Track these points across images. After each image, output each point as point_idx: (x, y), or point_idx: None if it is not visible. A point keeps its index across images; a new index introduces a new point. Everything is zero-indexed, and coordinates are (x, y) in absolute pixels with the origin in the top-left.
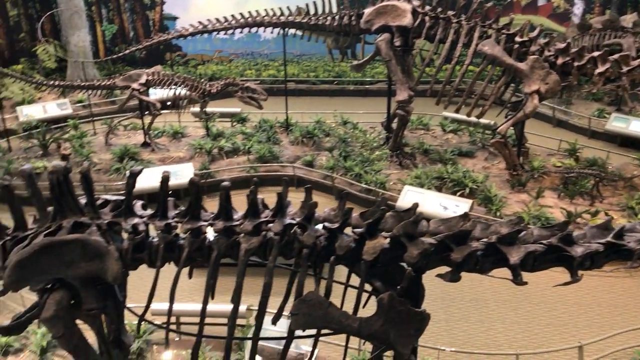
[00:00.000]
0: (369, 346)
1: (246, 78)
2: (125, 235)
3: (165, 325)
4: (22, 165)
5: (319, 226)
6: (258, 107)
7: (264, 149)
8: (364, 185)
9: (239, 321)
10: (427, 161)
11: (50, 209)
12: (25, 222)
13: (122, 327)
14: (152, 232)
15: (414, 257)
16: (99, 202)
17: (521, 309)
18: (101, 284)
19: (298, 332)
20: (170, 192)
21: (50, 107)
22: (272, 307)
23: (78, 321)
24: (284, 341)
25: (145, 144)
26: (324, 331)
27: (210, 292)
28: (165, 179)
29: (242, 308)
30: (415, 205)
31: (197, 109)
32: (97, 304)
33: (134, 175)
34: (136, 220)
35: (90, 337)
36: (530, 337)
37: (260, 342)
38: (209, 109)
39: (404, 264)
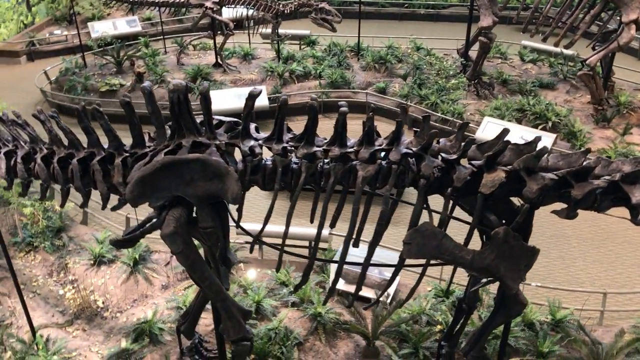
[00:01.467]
0: (447, 276)
1: None
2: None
3: (279, 247)
4: (98, 82)
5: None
6: (331, 29)
7: (336, 74)
8: (441, 115)
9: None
10: (505, 92)
11: (167, 127)
12: (143, 139)
13: (228, 245)
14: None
15: (533, 192)
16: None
17: (603, 247)
18: (212, 203)
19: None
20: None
21: (119, 23)
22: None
23: None
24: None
25: (216, 65)
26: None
27: (325, 216)
28: (284, 102)
29: (325, 232)
30: (538, 138)
31: (266, 30)
32: (213, 222)
33: (254, 97)
34: (252, 142)
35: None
36: (613, 277)
37: (347, 266)
38: (279, 31)
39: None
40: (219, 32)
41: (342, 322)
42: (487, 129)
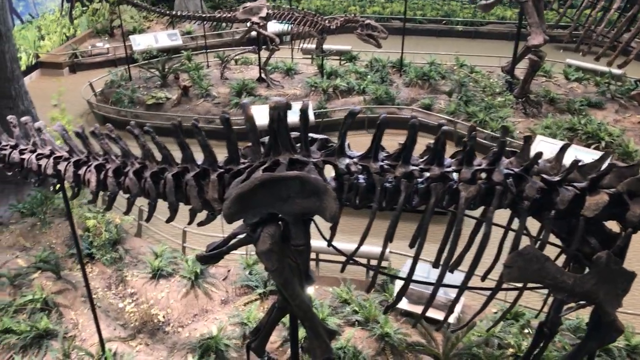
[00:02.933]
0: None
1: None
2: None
3: (374, 267)
4: (144, 94)
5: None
6: (377, 45)
7: (380, 89)
8: (490, 132)
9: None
10: (553, 110)
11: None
12: (238, 156)
13: (309, 263)
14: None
15: (637, 215)
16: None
17: None
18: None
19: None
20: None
21: (161, 37)
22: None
23: None
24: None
25: (260, 79)
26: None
27: (421, 237)
28: (384, 120)
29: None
30: (607, 155)
31: (307, 45)
32: (305, 240)
33: (353, 115)
34: (347, 160)
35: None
36: None
37: (412, 286)
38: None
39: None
40: (264, 47)
41: (411, 344)
42: (539, 148)
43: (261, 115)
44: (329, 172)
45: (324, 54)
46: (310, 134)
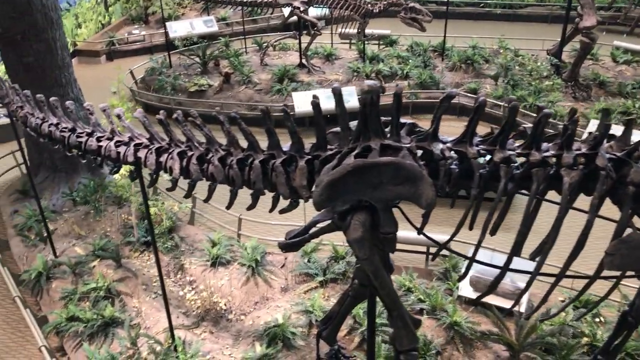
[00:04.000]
0: (578, 286)
1: None
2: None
3: (469, 256)
4: (185, 82)
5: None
6: (421, 29)
7: (425, 74)
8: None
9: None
10: (603, 94)
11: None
12: (326, 142)
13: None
14: None
15: None
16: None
17: None
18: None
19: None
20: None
21: (197, 23)
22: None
23: None
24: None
25: (300, 65)
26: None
27: (528, 224)
28: (483, 103)
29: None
30: None
31: (346, 30)
32: (395, 228)
33: (450, 98)
34: (441, 145)
35: None
36: None
37: (478, 274)
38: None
39: None
40: (304, 32)
41: (481, 332)
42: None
43: (304, 102)
44: None
45: (366, 39)
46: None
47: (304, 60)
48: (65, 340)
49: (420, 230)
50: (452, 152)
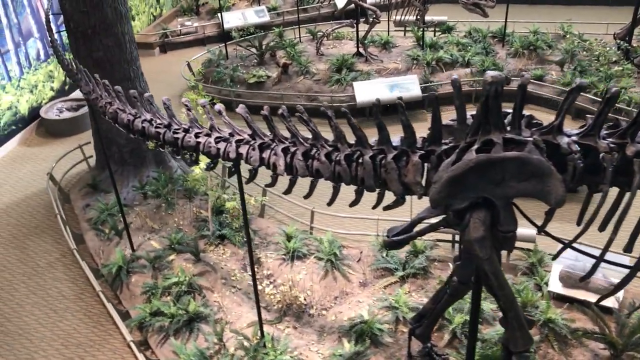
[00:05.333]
0: None
1: None
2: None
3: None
4: (243, 73)
5: None
6: (483, 15)
7: (487, 61)
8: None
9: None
10: None
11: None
12: (441, 136)
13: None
14: None
15: None
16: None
17: None
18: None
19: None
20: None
21: (248, 14)
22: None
23: None
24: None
25: (357, 54)
26: None
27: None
28: (615, 94)
29: (531, 233)
30: None
31: (402, 17)
32: (515, 226)
33: (580, 89)
34: (566, 139)
35: None
36: None
37: (567, 269)
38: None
39: None
40: (362, 20)
41: (576, 330)
42: None
43: (364, 92)
44: None
45: (426, 26)
46: (505, 111)
47: (361, 49)
48: (149, 335)
49: (541, 229)
50: (578, 145)
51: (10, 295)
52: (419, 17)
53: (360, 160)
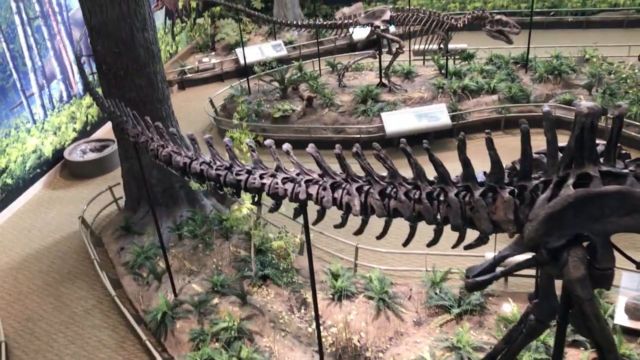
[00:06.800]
0: None
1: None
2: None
3: None
4: (267, 108)
5: None
6: (508, 41)
7: (514, 87)
8: None
9: None
10: None
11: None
12: (531, 170)
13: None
14: None
15: None
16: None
17: None
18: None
19: None
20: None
21: (265, 48)
22: None
23: None
24: None
25: (380, 85)
26: None
27: None
28: None
29: None
30: None
31: (421, 46)
32: (613, 263)
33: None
34: None
35: None
36: None
37: (634, 301)
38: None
39: None
40: (385, 50)
41: None
42: None
43: (393, 123)
44: None
45: (449, 54)
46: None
47: (384, 80)
48: None
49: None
50: None
51: (49, 347)
52: (442, 45)
53: (444, 198)
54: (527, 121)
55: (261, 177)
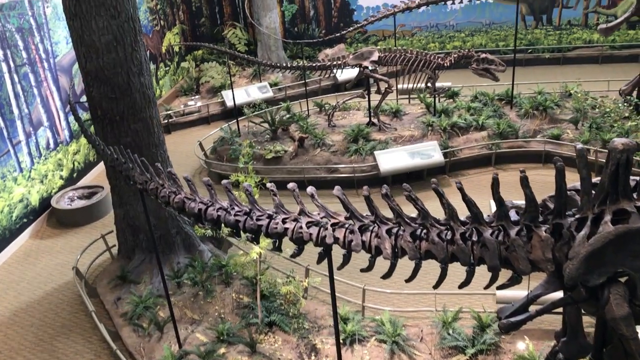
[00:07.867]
0: None
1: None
2: None
3: None
4: (259, 149)
5: None
6: (494, 79)
7: (503, 123)
8: (638, 159)
9: None
10: None
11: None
12: (566, 208)
13: None
14: None
15: None
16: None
17: None
18: None
19: None
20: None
21: (252, 90)
22: None
23: None
24: None
25: (370, 124)
26: None
27: None
28: None
29: None
30: None
31: (406, 85)
32: None
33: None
34: None
35: None
36: None
37: None
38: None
39: None
40: (374, 90)
41: None
42: None
43: (387, 161)
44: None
45: (436, 93)
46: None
47: (374, 119)
48: None
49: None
50: None
51: None
52: (429, 84)
53: (478, 238)
54: (561, 160)
55: (284, 221)
